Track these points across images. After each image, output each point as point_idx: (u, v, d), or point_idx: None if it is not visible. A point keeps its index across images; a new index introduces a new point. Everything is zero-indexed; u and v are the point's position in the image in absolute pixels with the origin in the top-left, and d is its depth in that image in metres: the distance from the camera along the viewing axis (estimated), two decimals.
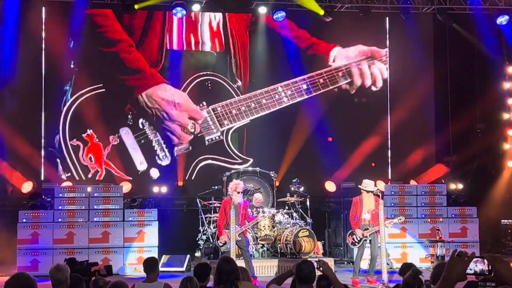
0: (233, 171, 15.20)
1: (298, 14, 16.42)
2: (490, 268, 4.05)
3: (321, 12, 15.85)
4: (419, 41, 16.98)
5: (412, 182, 15.94)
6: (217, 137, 16.46)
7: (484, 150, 16.86)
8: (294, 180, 14.61)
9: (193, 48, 16.50)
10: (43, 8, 15.86)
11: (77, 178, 15.86)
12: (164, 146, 16.19)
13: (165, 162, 16.24)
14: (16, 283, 4.12)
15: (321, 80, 16.85)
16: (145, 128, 16.12)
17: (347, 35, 17.07)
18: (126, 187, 15.30)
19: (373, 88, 17.13)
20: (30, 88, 15.91)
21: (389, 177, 16.95)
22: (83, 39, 15.97)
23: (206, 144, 16.44)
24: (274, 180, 14.92)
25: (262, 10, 15.97)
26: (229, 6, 16.71)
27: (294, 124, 16.88)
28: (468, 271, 4.38)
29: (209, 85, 16.48)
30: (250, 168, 15.33)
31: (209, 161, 16.45)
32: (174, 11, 15.43)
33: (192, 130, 16.17)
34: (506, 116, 17.10)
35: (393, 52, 17.35)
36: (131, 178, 15.99)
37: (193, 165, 16.37)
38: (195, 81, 16.45)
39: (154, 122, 16.13)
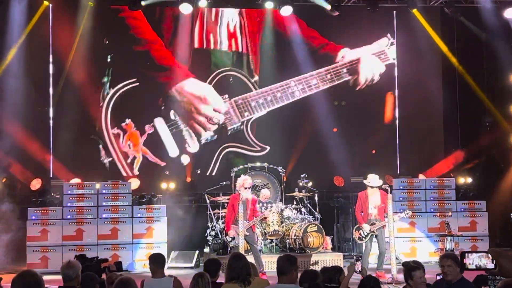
0: (241, 166, 15.20)
1: (308, 14, 16.70)
2: (494, 263, 4.06)
3: (328, 7, 15.78)
4: (426, 34, 16.91)
5: (421, 176, 15.87)
6: (238, 127, 17.26)
7: (493, 144, 16.79)
8: (302, 175, 14.60)
9: (212, 47, 17.35)
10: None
11: (118, 163, 16.54)
12: (192, 134, 16.98)
13: (194, 149, 16.94)
14: (23, 280, 4.12)
15: (328, 76, 17.43)
16: (176, 118, 16.96)
17: (353, 35, 17.30)
18: (135, 183, 15.34)
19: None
20: (39, 86, 16.01)
21: (398, 171, 16.90)
22: (117, 38, 16.80)
23: (229, 133, 17.18)
24: (282, 175, 14.91)
25: (269, 5, 15.90)
26: (236, 2, 16.70)
27: (302, 119, 16.91)
28: (470, 266, 4.40)
29: (231, 80, 17.41)
30: (258, 164, 15.34)
31: (231, 149, 17.22)
32: (181, 7, 15.43)
33: (217, 121, 17.06)
34: None
35: (400, 45, 17.30)
36: (164, 164, 16.63)
37: (217, 152, 17.06)
38: (218, 76, 17.33)
39: (183, 114, 16.94)
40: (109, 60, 16.77)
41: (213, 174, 16.82)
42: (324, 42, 17.47)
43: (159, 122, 16.88)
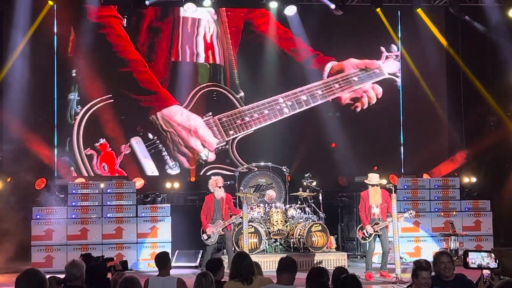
0: (245, 166, 15.20)
1: (298, 21, 16.40)
2: (496, 262, 4.06)
3: (332, 6, 15.79)
4: (431, 34, 16.89)
5: (425, 176, 15.85)
6: (222, 146, 16.66)
7: (497, 143, 16.75)
8: (306, 175, 14.59)
9: (188, 59, 16.68)
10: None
11: None
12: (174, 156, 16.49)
13: (175, 171, 16.43)
14: (27, 279, 4.13)
15: (319, 92, 16.97)
16: (154, 138, 16.38)
17: (342, 46, 17.03)
18: (139, 183, 15.35)
19: (357, 109, 17.16)
20: (43, 87, 16.03)
21: (402, 171, 16.88)
22: (96, 54, 16.14)
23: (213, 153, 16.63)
24: (286, 175, 14.91)
25: (273, 4, 15.90)
26: (239, 2, 16.68)
27: (307, 119, 16.90)
28: (472, 265, 4.40)
29: (215, 96, 16.72)
30: (262, 163, 15.33)
31: (216, 170, 16.50)
32: (184, 7, 15.44)
33: (205, 158, 16.41)
34: None
35: (404, 45, 17.27)
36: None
37: (201, 174, 16.50)
38: (200, 92, 16.67)
39: (166, 142, 16.35)
40: (74, 74, 16.19)
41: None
42: (312, 54, 16.95)
43: (136, 142, 16.24)
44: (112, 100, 16.20)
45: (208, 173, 16.30)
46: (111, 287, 6.32)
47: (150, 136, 16.33)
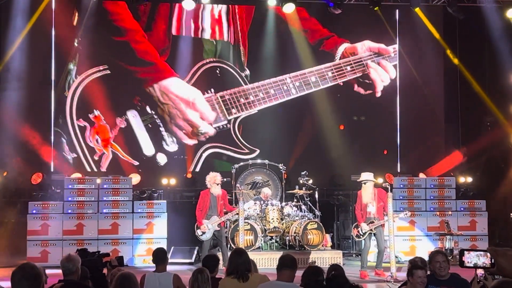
0: (241, 163, 15.20)
1: (311, 4, 16.32)
2: (492, 261, 4.08)
3: (330, 4, 15.79)
4: (428, 33, 16.91)
5: (421, 175, 15.88)
6: (224, 126, 16.35)
7: (494, 143, 16.79)
8: (303, 173, 14.61)
9: (193, 34, 16.28)
10: None
11: (83, 160, 15.82)
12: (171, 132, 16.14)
13: (172, 148, 16.15)
14: (23, 273, 4.14)
15: (330, 74, 16.74)
16: (152, 112, 16.02)
17: (357, 29, 16.90)
18: (135, 179, 15.34)
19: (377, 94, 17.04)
20: (39, 75, 15.88)
21: (398, 170, 16.91)
22: (93, 23, 15.71)
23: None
24: (283, 172, 14.92)
25: (271, 2, 15.89)
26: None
27: (304, 116, 16.87)
28: (468, 264, 4.42)
29: (218, 72, 16.37)
30: (259, 161, 15.34)
31: (216, 150, 16.35)
32: (184, 2, 15.40)
33: (203, 132, 15.99)
34: None
35: (402, 44, 17.28)
36: (137, 163, 15.99)
37: (200, 152, 16.31)
38: (203, 68, 16.31)
39: (162, 116, 15.98)
40: (76, 44, 15.81)
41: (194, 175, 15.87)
42: (326, 35, 16.72)
43: (133, 116, 15.91)
44: (108, 72, 15.88)
45: (209, 152, 16.16)
46: (106, 283, 6.34)
47: (148, 109, 15.96)
